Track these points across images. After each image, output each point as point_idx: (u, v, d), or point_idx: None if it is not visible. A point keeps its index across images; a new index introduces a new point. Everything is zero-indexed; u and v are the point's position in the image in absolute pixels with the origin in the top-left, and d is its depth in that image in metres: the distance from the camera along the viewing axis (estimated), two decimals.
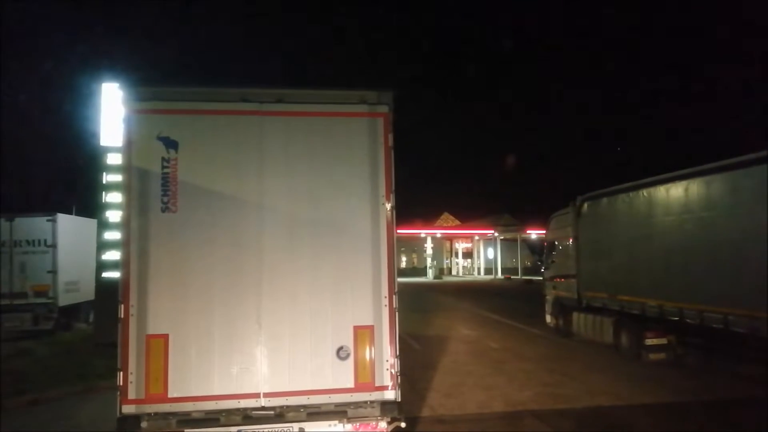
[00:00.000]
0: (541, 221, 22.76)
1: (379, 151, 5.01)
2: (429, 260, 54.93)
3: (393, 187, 5.01)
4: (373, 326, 4.82)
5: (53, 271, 15.36)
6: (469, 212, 68.35)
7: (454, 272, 63.36)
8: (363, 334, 4.81)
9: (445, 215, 71.96)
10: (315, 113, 5.02)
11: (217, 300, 4.70)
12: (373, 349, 4.80)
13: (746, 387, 8.66)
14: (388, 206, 4.96)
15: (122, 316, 4.59)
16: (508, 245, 57.98)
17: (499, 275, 54.62)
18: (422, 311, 21.90)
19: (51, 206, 17.22)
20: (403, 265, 72.42)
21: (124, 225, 4.71)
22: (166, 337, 4.61)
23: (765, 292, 7.79)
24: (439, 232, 58.68)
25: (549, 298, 15.35)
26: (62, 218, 16.03)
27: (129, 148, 4.77)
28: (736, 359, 8.97)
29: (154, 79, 5.35)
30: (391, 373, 4.80)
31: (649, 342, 10.51)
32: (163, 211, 4.74)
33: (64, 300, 15.79)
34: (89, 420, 7.37)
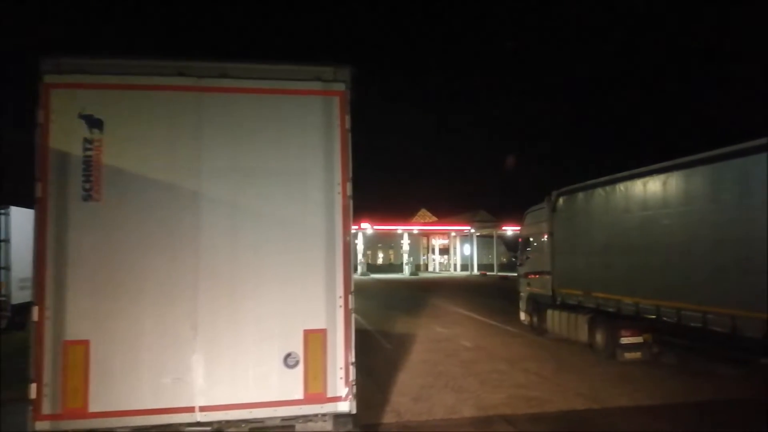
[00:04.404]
0: (517, 218, 22.45)
1: (334, 133, 4.50)
2: (405, 256, 54.55)
3: (350, 175, 4.51)
4: (326, 330, 4.32)
5: (6, 268, 14.58)
6: (447, 208, 68.32)
7: (431, 268, 63.14)
8: (314, 338, 4.30)
9: (423, 211, 71.72)
10: (262, 90, 4.49)
11: (146, 301, 4.15)
12: (325, 355, 4.30)
13: (724, 388, 8.39)
14: (345, 195, 4.46)
15: (36, 319, 4.02)
16: (485, 241, 57.97)
17: (475, 271, 54.54)
18: (396, 308, 21.52)
19: (3, 198, 16.26)
20: (380, 261, 72.28)
21: (39, 215, 4.12)
22: (86, 343, 4.05)
23: (746, 289, 7.51)
24: (415, 228, 58.39)
25: (523, 294, 15.02)
26: (15, 211, 15.15)
27: (45, 127, 4.18)
28: (714, 359, 8.69)
29: (79, 49, 4.75)
30: (346, 382, 4.30)
31: (624, 340, 10.21)
32: (84, 199, 4.17)
33: (17, 297, 14.94)
34: None
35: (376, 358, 11.03)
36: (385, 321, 17.26)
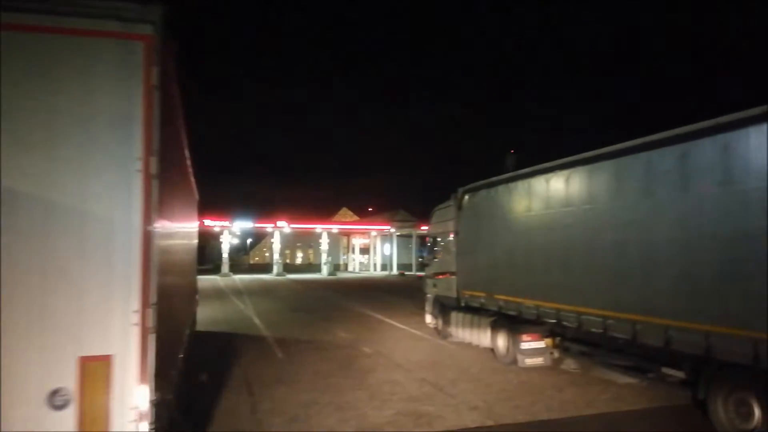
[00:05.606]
0: None
1: (134, 90, 3.36)
2: (324, 256, 53.25)
3: (156, 146, 3.38)
4: (111, 357, 3.18)
5: None
6: (369, 207, 67.77)
7: (351, 268, 62.22)
8: (95, 368, 3.15)
9: (344, 210, 70.77)
10: (33, 27, 3.28)
11: None
12: (110, 391, 3.16)
13: (622, 398, 7.96)
14: (147, 174, 3.34)
15: None
16: (405, 241, 57.75)
17: (394, 271, 54.16)
18: (303, 311, 20.43)
19: None
20: (299, 261, 70.65)
21: None
22: None
23: (646, 294, 7.05)
24: (335, 227, 57.17)
25: (429, 296, 14.32)
26: None
27: None
28: (614, 366, 8.23)
29: None
30: (141, 423, 3.18)
31: (525, 345, 9.67)
32: None
33: None
34: None
35: (264, 370, 9.89)
36: (286, 326, 16.14)
